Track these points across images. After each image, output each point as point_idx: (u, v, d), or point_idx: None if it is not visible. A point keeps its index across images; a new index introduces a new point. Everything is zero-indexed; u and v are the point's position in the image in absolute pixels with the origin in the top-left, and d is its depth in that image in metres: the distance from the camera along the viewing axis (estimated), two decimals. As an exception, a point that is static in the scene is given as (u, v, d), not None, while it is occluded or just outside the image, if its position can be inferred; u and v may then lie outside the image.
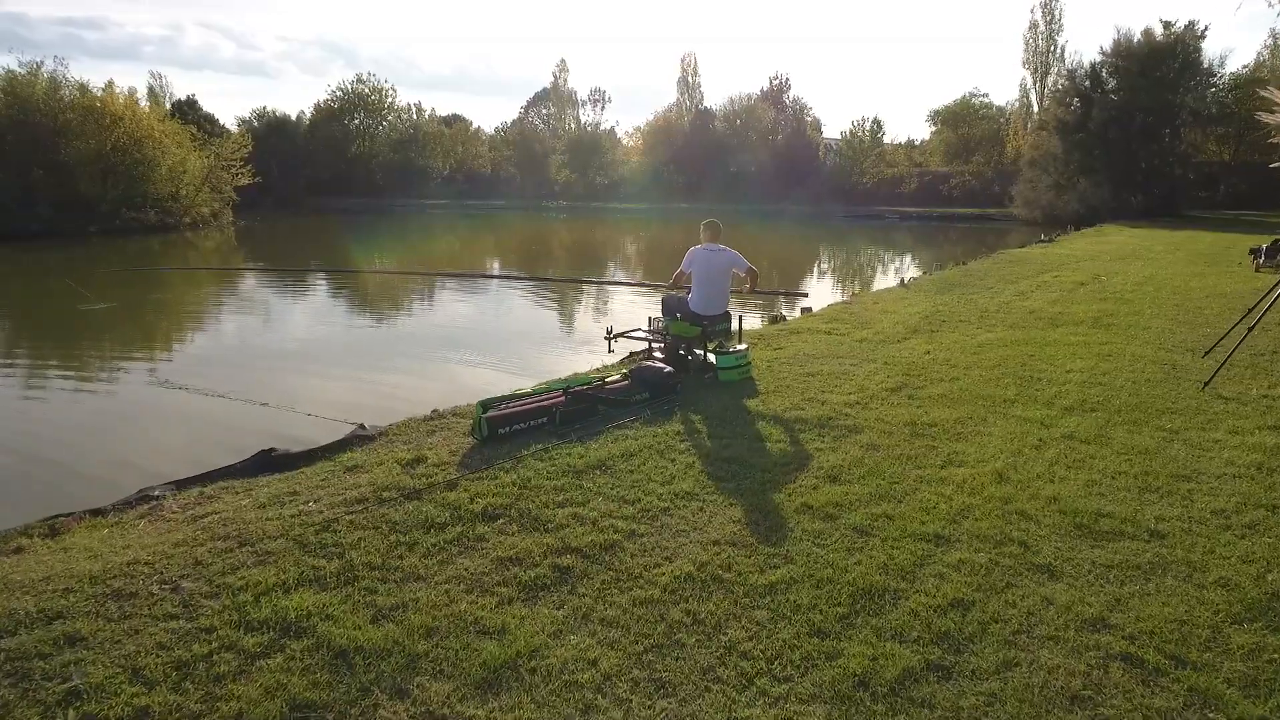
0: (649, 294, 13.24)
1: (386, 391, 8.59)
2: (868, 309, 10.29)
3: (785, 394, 6.09)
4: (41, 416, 7.81)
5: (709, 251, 6.83)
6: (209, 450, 6.09)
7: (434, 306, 15.11)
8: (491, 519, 3.82)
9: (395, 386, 8.78)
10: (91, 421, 7.65)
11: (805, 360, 7.30)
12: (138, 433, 7.37)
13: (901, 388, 6.28)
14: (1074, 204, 33.36)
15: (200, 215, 35.95)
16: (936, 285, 12.57)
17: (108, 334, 12.19)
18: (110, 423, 7.66)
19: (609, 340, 6.91)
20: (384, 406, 7.85)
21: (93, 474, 6.13)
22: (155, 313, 14.26)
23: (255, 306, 15.09)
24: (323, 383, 9.16)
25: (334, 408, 7.56)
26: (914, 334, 8.62)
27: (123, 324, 12.92)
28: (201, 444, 6.69)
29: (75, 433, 7.25)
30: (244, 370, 9.78)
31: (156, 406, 8.17)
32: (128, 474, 5.70)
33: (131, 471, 5.78)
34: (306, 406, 7.00)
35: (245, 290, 16.96)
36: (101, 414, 7.96)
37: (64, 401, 8.48)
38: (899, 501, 3.97)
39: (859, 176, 52.34)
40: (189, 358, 10.95)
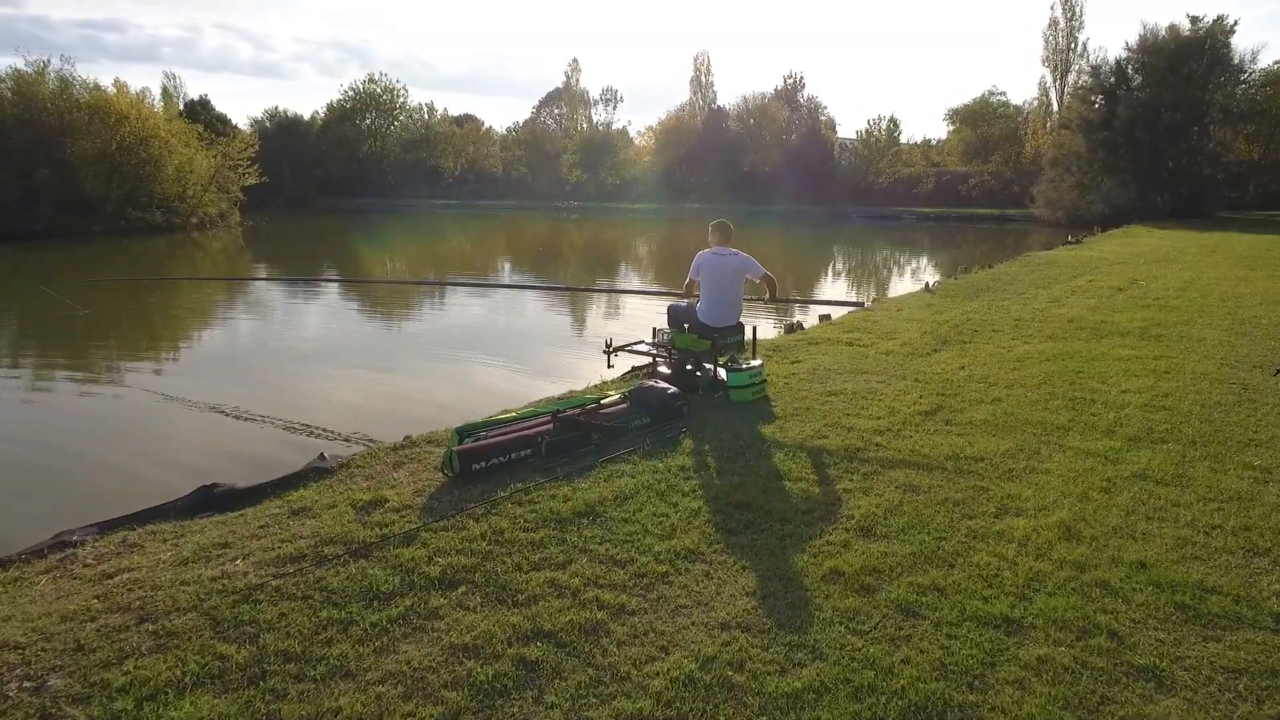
0: (659, 302, 12.40)
1: (393, 394, 8.14)
2: (891, 317, 9.54)
3: (805, 418, 5.38)
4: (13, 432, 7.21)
5: (718, 256, 6.13)
6: (185, 472, 5.47)
7: (444, 308, 14.48)
8: (450, 586, 3.13)
9: (402, 389, 8.39)
10: (64, 438, 7.03)
11: (826, 376, 6.57)
12: (113, 449, 6.74)
13: (937, 410, 5.55)
14: (1098, 204, 32.33)
15: (207, 215, 35.56)
16: (964, 290, 11.79)
17: (97, 340, 11.63)
18: (88, 438, 7.02)
19: (608, 354, 6.22)
20: (389, 409, 7.30)
21: (49, 501, 5.51)
22: (152, 317, 13.69)
23: (255, 309, 14.51)
24: (324, 386, 8.62)
25: (334, 413, 6.98)
26: (944, 345, 7.87)
27: (116, 330, 12.35)
28: (179, 463, 6.07)
29: (49, 452, 6.63)
30: (240, 376, 9.18)
31: (143, 418, 7.56)
32: (89, 499, 5.11)
33: (93, 497, 5.18)
34: (304, 414, 6.44)
35: (249, 291, 16.38)
36: (80, 428, 7.34)
37: (47, 412, 7.90)
38: (950, 566, 3.25)
39: (875, 176, 51.40)
40: (185, 364, 10.38)
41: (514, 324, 12.67)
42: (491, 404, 7.74)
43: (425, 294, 15.64)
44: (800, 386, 6.23)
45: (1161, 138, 31.74)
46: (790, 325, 9.18)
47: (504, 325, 12.68)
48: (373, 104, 63.70)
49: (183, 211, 34.17)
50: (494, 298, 15.48)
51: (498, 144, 66.86)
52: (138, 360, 10.48)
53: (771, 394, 5.98)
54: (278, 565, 3.30)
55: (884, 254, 28.39)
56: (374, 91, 63.58)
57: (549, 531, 3.57)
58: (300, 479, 4.44)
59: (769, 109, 54.98)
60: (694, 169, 54.16)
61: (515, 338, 11.47)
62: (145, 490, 5.14)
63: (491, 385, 8.65)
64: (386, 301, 15.03)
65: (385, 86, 63.82)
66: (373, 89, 63.56)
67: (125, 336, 11.99)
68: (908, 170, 51.83)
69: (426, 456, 4.66)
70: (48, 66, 32.98)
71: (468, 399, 7.90)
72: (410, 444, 4.95)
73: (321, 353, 10.77)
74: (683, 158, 54.93)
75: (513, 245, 31.62)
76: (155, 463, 6.29)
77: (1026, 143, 50.44)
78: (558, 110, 69.01)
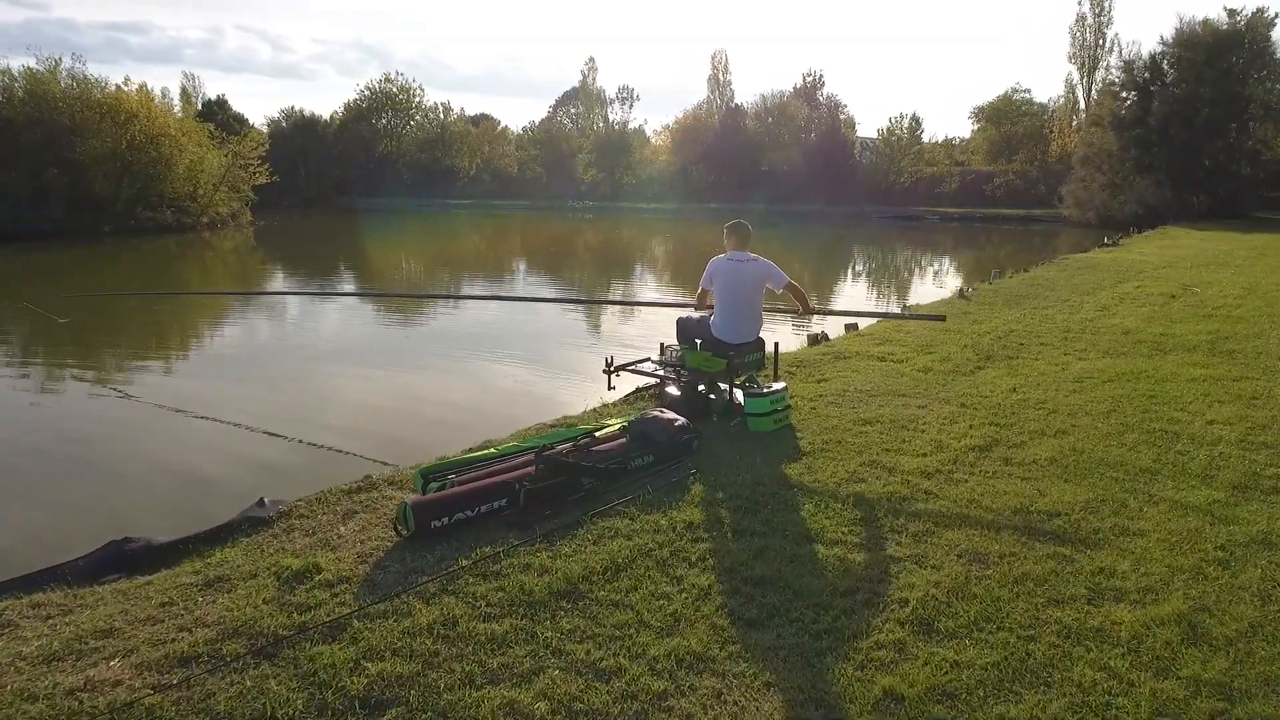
0: (670, 315, 10.82)
1: (406, 391, 7.49)
2: (926, 326, 8.68)
3: (837, 454, 4.56)
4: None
5: (734, 262, 5.33)
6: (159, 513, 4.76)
7: (457, 308, 13.80)
8: (375, 711, 2.35)
9: (409, 390, 7.82)
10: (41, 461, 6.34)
11: (858, 399, 5.74)
12: (104, 472, 6.03)
13: (992, 445, 4.71)
14: (1131, 204, 31.10)
15: (218, 215, 35.15)
16: (1001, 296, 10.88)
17: (96, 344, 11.00)
18: (70, 461, 6.32)
19: (609, 374, 5.43)
20: (402, 409, 6.64)
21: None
22: (133, 322, 13.07)
23: (249, 309, 13.86)
24: (338, 392, 7.97)
25: (332, 417, 6.31)
26: (988, 361, 7.01)
27: (96, 336, 11.72)
28: (139, 489, 5.38)
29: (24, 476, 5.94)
30: (227, 380, 8.49)
31: (141, 431, 6.89)
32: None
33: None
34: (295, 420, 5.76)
35: (255, 294, 15.75)
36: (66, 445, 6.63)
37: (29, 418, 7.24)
38: (1046, 687, 2.43)
39: (896, 176, 50.23)
40: (176, 368, 9.72)
41: (518, 329, 11.89)
42: (488, 407, 7.06)
43: (427, 299, 14.95)
44: (829, 412, 5.41)
45: (1198, 135, 30.48)
46: (814, 336, 8.34)
47: (503, 331, 11.93)
48: (389, 103, 63.43)
49: (193, 211, 33.78)
50: (508, 306, 14.75)
51: (513, 144, 66.32)
52: (129, 364, 9.84)
53: (796, 421, 5.17)
54: (162, 670, 2.54)
55: (907, 255, 27.38)
56: (390, 91, 63.31)
57: (516, 621, 2.78)
58: (230, 532, 3.69)
59: (787, 107, 53.95)
60: (711, 168, 53.24)
61: (521, 342, 10.72)
62: (75, 534, 4.43)
63: (493, 388, 7.94)
64: (399, 305, 14.33)
65: (401, 86, 63.55)
66: (389, 88, 63.30)
67: (105, 342, 11.36)
68: (930, 169, 50.62)
69: (383, 504, 3.89)
70: (59, 64, 32.72)
71: (461, 406, 7.19)
72: (368, 486, 4.19)
73: (331, 353, 10.21)
74: (699, 157, 54.02)
75: (527, 245, 30.93)
76: (103, 493, 5.58)
77: (1052, 141, 49.13)
78: (574, 110, 68.37)
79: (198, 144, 34.54)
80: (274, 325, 13.09)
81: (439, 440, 5.47)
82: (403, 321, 12.86)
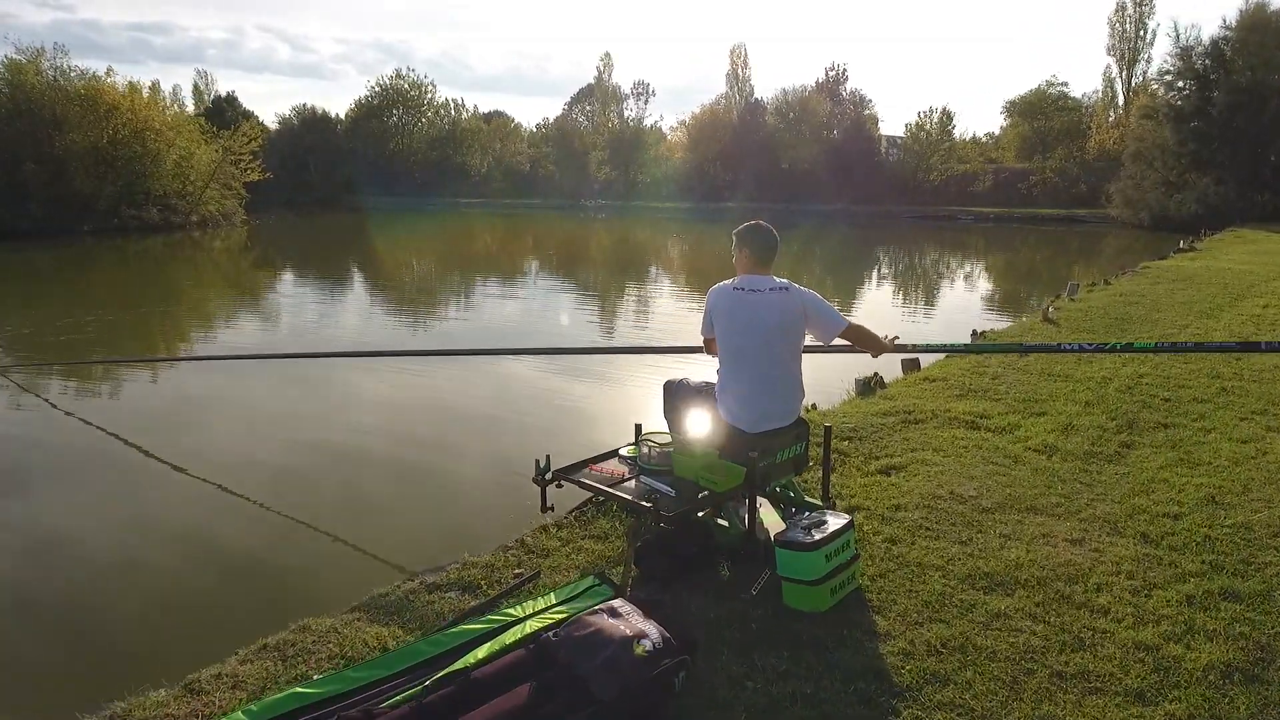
0: (673, 363, 6.92)
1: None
2: (1014, 366, 6.39)
3: (963, 672, 2.32)
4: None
5: (749, 294, 3.09)
6: None
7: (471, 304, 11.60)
8: None
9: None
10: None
11: (963, 522, 3.48)
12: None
13: (1258, 661, 2.44)
14: (1189, 204, 28.39)
15: (209, 214, 33.34)
16: (1096, 319, 8.54)
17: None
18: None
19: (542, 485, 3.19)
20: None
21: None
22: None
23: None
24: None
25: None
26: (1134, 433, 4.70)
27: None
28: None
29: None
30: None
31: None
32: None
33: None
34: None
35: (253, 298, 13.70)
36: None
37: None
38: None
39: (925, 173, 47.58)
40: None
41: (439, 399, 7.59)
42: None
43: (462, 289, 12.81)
44: (922, 556, 3.15)
45: (1266, 129, 27.75)
46: (865, 382, 6.05)
47: (418, 399, 9.67)
48: (400, 100, 61.86)
49: (182, 209, 32.01)
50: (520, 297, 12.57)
51: (526, 141, 64.38)
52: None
53: (867, 581, 2.93)
54: None
55: (950, 261, 24.87)
56: (401, 87, 61.69)
57: None
58: None
59: (809, 102, 51.46)
60: (728, 166, 50.88)
61: (436, 416, 7.07)
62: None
63: (371, 506, 5.73)
64: (411, 298, 12.21)
65: (413, 82, 61.92)
66: (400, 84, 61.68)
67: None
68: (963, 167, 47.91)
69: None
70: (42, 54, 31.04)
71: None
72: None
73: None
74: (716, 154, 51.67)
75: (538, 247, 28.80)
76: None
77: (1090, 137, 46.33)
78: (589, 107, 66.21)
79: (188, 139, 32.82)
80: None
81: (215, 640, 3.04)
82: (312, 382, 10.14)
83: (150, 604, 3.81)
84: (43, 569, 4.16)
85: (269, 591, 3.91)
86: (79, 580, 4.04)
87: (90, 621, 3.69)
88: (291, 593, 3.80)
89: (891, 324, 11.40)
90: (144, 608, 3.79)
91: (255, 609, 3.60)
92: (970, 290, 16.95)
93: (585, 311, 14.14)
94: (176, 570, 4.11)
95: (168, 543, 4.48)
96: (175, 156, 31.72)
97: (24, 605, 3.83)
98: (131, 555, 4.32)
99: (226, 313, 13.16)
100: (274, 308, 13.85)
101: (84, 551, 4.35)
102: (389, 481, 5.39)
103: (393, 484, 5.33)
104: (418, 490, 5.24)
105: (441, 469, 5.62)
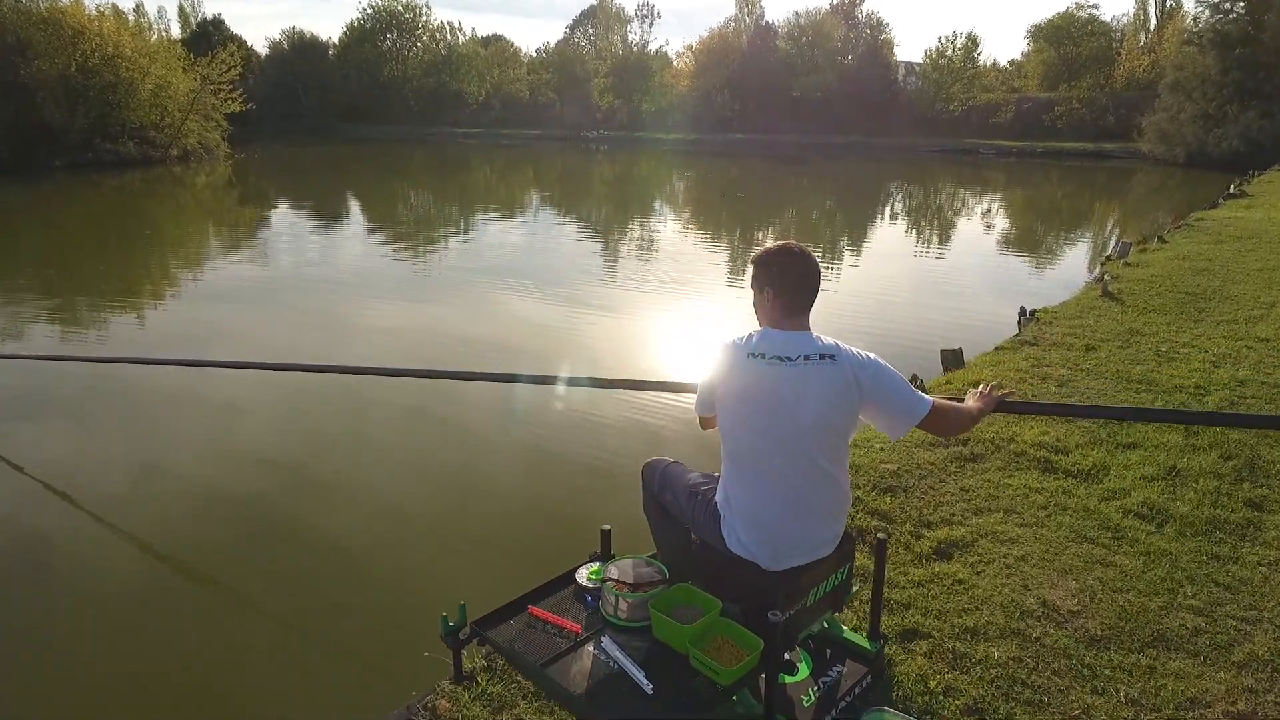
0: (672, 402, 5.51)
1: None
2: (1081, 366, 5.28)
3: None
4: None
5: (768, 363, 1.95)
6: None
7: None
8: None
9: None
10: None
11: (1062, 660, 2.46)
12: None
13: None
14: (1231, 139, 26.57)
15: (190, 147, 31.70)
16: (1168, 295, 7.34)
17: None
18: None
19: (454, 647, 2.13)
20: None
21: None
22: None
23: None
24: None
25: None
26: (1270, 486, 3.64)
27: None
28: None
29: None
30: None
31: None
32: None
33: None
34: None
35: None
36: None
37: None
38: None
39: (945, 104, 45.22)
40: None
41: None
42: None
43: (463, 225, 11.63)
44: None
45: (1320, 56, 25.73)
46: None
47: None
48: (394, 23, 59.06)
49: (160, 143, 30.39)
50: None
51: (525, 67, 61.54)
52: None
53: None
54: None
55: (972, 200, 23.33)
56: (394, 9, 58.73)
57: None
58: None
59: (823, 25, 48.72)
60: (736, 94, 48.52)
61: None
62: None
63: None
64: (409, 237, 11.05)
65: (407, 4, 58.90)
66: (393, 6, 58.68)
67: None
68: (986, 95, 45.46)
69: None
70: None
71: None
72: None
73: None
74: (725, 82, 49.22)
75: (539, 181, 27.24)
76: None
77: (1119, 65, 43.81)
78: (591, 30, 63.02)
79: (165, 66, 30.90)
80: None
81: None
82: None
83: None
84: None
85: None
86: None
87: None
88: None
89: (918, 280, 10.12)
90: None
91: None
92: (1004, 245, 15.57)
93: (588, 246, 12.94)
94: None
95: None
96: (151, 85, 29.90)
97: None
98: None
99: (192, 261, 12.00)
100: (259, 246, 12.67)
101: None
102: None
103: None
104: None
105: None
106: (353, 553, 3.83)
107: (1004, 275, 11.45)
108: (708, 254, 13.52)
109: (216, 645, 3.20)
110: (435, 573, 3.64)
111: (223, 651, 3.16)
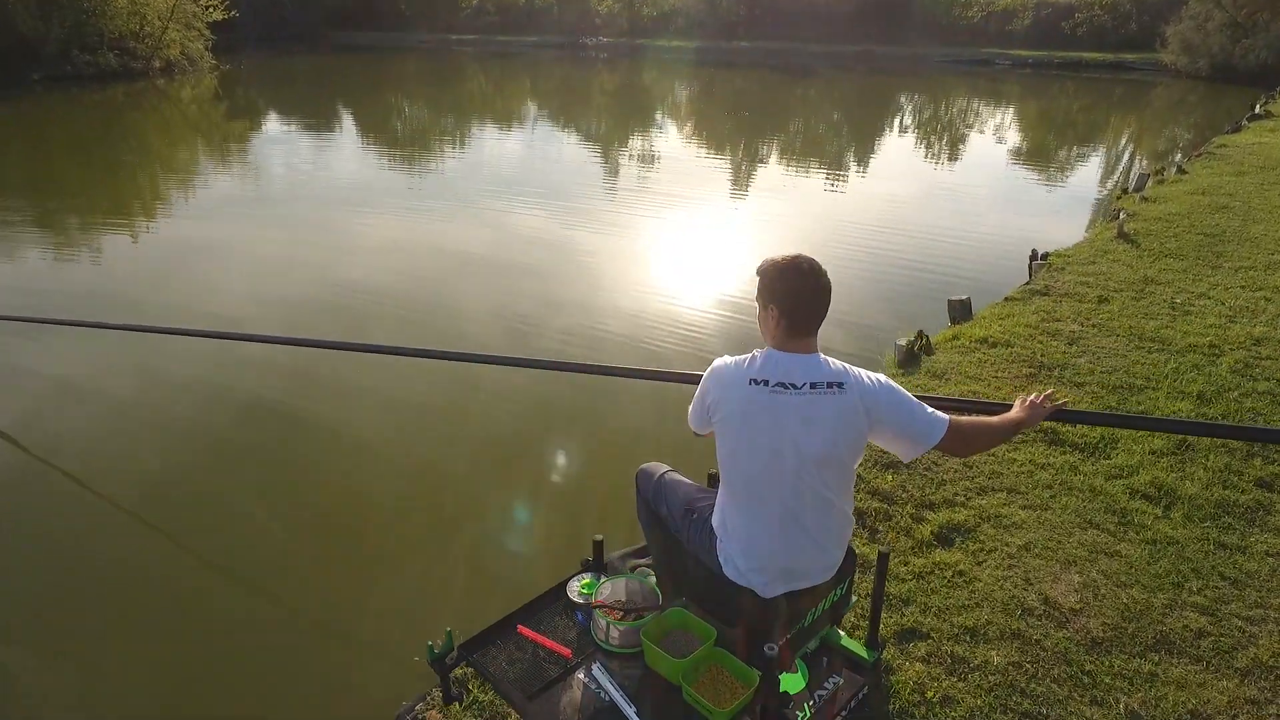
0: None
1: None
2: (1094, 322, 5.13)
3: None
4: None
5: (770, 391, 1.81)
6: None
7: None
8: None
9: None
10: None
11: (1062, 666, 2.43)
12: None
13: None
14: (1260, 50, 25.41)
15: (173, 58, 30.45)
16: (1185, 237, 7.09)
17: None
18: None
19: (443, 672, 2.06)
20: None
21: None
22: None
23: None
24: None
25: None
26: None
27: None
28: None
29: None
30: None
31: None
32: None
33: None
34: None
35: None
36: None
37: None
38: None
39: (964, 9, 43.12)
40: None
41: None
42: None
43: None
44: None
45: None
46: (910, 347, 4.80)
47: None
48: (382, -87, 55.53)
49: (141, 54, 29.18)
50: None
51: (520, -33, 58.36)
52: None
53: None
54: None
55: (984, 116, 22.49)
56: (381, -101, 55.15)
57: None
58: None
59: (837, -78, 45.77)
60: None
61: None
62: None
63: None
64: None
65: (394, -104, 55.22)
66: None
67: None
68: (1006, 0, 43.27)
69: None
70: None
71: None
72: None
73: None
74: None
75: (535, 93, 26.24)
76: None
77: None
78: (590, -75, 59.45)
79: (141, -32, 29.33)
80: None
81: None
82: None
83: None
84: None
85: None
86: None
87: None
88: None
89: (923, 206, 9.67)
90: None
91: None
92: (1016, 161, 15.03)
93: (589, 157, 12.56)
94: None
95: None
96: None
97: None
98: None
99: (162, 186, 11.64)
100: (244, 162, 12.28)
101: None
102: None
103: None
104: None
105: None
106: (344, 552, 3.79)
107: (1015, 195, 11.13)
108: (711, 172, 13.11)
109: (216, 645, 3.19)
110: (430, 572, 3.58)
111: (211, 658, 3.15)
